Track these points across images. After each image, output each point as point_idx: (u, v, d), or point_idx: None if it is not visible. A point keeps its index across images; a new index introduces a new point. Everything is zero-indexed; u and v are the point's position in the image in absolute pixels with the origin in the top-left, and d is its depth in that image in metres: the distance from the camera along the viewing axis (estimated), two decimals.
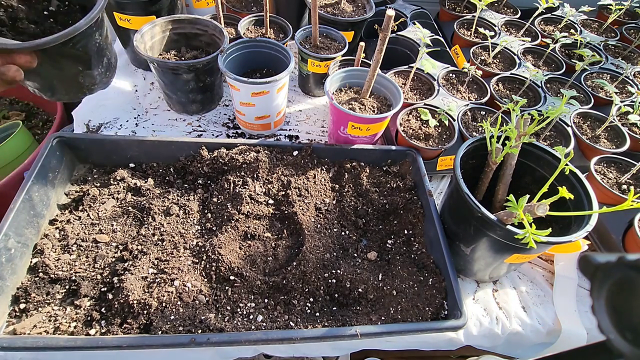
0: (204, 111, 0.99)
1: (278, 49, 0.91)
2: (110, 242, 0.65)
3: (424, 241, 0.74)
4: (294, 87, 1.12)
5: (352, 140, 0.84)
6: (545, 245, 0.57)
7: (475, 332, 0.70)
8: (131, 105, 0.99)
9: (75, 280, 0.59)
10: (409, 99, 0.95)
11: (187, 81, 0.87)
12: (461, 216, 0.66)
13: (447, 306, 0.64)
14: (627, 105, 0.94)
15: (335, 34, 1.02)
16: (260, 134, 0.96)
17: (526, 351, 0.76)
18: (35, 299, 0.57)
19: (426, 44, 0.90)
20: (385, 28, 0.68)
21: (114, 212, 0.69)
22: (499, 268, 0.70)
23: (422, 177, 0.78)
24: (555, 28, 1.38)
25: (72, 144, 0.73)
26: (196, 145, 0.77)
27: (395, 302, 0.64)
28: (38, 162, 0.66)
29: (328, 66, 0.97)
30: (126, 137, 0.76)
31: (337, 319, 0.61)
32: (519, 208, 0.53)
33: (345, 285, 0.65)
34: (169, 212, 0.69)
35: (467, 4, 1.41)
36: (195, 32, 0.95)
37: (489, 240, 0.62)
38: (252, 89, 0.81)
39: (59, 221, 0.67)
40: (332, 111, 0.84)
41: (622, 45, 1.33)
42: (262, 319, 0.59)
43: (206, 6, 1.16)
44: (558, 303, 0.74)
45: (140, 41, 0.85)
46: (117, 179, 0.73)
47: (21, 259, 0.60)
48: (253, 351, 0.67)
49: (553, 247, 0.53)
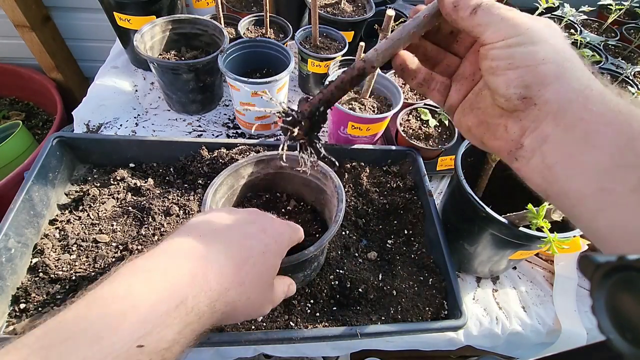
0: (204, 111, 0.99)
1: (278, 49, 0.91)
2: (111, 242, 0.65)
3: (424, 241, 0.74)
4: (294, 87, 1.12)
5: (352, 140, 0.84)
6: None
7: (475, 332, 0.70)
8: (131, 105, 0.98)
9: (75, 280, 0.59)
10: (409, 99, 0.95)
11: (187, 81, 0.87)
12: (464, 215, 0.66)
13: (447, 306, 0.64)
14: None
15: (335, 34, 1.02)
16: (260, 134, 0.96)
17: (526, 351, 0.76)
18: (35, 299, 0.57)
19: None
20: (385, 28, 0.68)
21: (114, 212, 0.69)
22: (500, 263, 0.71)
23: (422, 177, 0.78)
24: None
25: (72, 144, 0.73)
26: (196, 145, 0.77)
27: (395, 302, 0.64)
28: (38, 162, 0.66)
29: (328, 66, 0.97)
30: (126, 137, 0.76)
31: (337, 319, 0.61)
32: (539, 217, 0.54)
33: (345, 285, 0.65)
34: (169, 212, 0.69)
35: None
36: (195, 32, 0.95)
37: (495, 238, 0.63)
38: (252, 89, 0.81)
39: (59, 221, 0.67)
40: (332, 111, 0.84)
41: (622, 45, 1.33)
42: (262, 319, 0.59)
43: (206, 6, 1.16)
44: (558, 303, 0.74)
45: (140, 41, 0.85)
46: (117, 179, 0.73)
47: (21, 259, 0.60)
48: (253, 351, 0.67)
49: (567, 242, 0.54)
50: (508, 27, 0.31)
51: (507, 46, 0.31)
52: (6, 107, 1.66)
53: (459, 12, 0.33)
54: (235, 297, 0.35)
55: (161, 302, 0.29)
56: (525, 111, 0.32)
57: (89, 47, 1.58)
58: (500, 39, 0.31)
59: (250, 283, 0.37)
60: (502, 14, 0.31)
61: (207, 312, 0.32)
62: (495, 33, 0.31)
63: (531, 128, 0.32)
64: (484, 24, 0.32)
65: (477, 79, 0.38)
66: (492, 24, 0.31)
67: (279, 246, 0.42)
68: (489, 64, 0.32)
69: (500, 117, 0.34)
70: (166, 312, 0.29)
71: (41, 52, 1.47)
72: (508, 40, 0.30)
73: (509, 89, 0.31)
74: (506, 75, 0.31)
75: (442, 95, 0.41)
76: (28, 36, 1.40)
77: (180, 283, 0.31)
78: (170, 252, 0.35)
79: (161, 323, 0.28)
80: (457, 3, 0.33)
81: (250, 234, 0.40)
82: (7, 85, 1.64)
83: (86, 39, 1.55)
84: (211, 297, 0.33)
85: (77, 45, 1.59)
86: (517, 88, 0.31)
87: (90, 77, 1.51)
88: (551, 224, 0.54)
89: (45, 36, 1.44)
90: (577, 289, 0.76)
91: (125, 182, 0.73)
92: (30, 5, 1.34)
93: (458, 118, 0.40)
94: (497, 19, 0.31)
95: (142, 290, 0.30)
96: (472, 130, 0.38)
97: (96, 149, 0.75)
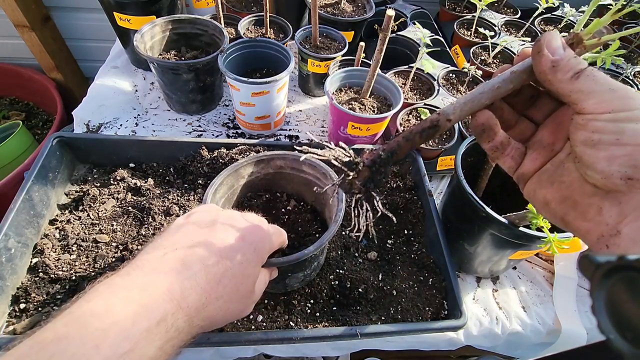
0: (204, 111, 0.99)
1: (278, 49, 0.91)
2: (111, 242, 0.65)
3: (424, 241, 0.74)
4: (294, 87, 1.12)
5: (352, 140, 0.84)
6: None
7: (475, 332, 0.70)
8: (131, 105, 0.98)
9: (75, 280, 0.59)
10: (409, 99, 0.95)
11: (187, 81, 0.87)
12: (464, 215, 0.66)
13: (447, 306, 0.64)
14: None
15: (335, 34, 1.02)
16: (260, 134, 0.96)
17: (526, 351, 0.76)
18: (35, 299, 0.57)
19: (426, 44, 0.90)
20: (385, 28, 0.68)
21: (114, 212, 0.69)
22: (500, 263, 0.71)
23: (422, 177, 0.78)
24: (555, 28, 1.38)
25: (72, 144, 0.73)
26: (196, 145, 0.77)
27: (395, 302, 0.64)
28: (38, 162, 0.66)
29: (328, 66, 0.97)
30: (126, 137, 0.76)
31: (337, 319, 0.61)
32: (539, 217, 0.54)
33: (345, 285, 0.65)
34: (169, 212, 0.69)
35: (467, 4, 1.41)
36: (195, 32, 0.95)
37: (495, 238, 0.63)
38: (252, 89, 0.81)
39: (59, 221, 0.67)
40: (332, 111, 0.84)
41: (622, 45, 1.33)
42: (262, 319, 0.59)
43: (206, 6, 1.16)
44: (558, 303, 0.74)
45: (140, 41, 0.85)
46: (117, 179, 0.73)
47: (21, 259, 0.60)
48: (253, 351, 0.67)
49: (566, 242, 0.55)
50: (617, 100, 0.28)
51: (615, 120, 0.28)
52: (6, 107, 1.66)
53: (557, 74, 0.30)
54: (213, 311, 0.35)
55: (142, 319, 0.29)
56: (628, 194, 0.28)
57: (89, 47, 1.58)
58: (607, 111, 0.28)
59: (229, 295, 0.37)
60: (610, 84, 0.29)
61: (185, 328, 0.33)
62: (600, 104, 0.28)
63: (634, 215, 0.27)
64: (587, 91, 0.29)
65: (557, 149, 0.35)
66: (596, 93, 0.29)
67: (258, 254, 0.42)
68: (589, 136, 0.29)
69: (593, 197, 0.30)
70: (147, 329, 0.29)
71: (41, 52, 1.47)
72: (618, 114, 0.28)
73: (611, 166, 0.28)
74: (610, 151, 0.28)
75: (515, 162, 0.37)
76: (28, 36, 1.40)
77: (159, 300, 0.31)
78: (147, 269, 0.34)
79: (143, 340, 0.28)
80: (557, 63, 0.30)
81: (228, 245, 0.39)
82: (7, 85, 1.64)
83: (86, 39, 1.55)
84: (189, 313, 0.33)
85: (77, 45, 1.59)
86: (623, 167, 0.27)
87: (90, 77, 1.51)
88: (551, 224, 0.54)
89: (45, 36, 1.44)
90: (577, 289, 0.76)
91: (125, 182, 0.73)
92: (30, 5, 1.35)
93: (533, 189, 0.36)
94: (604, 89, 0.29)
95: (121, 307, 0.29)
96: (552, 205, 0.34)
97: (96, 149, 0.75)
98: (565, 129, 0.34)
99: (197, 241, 0.38)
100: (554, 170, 0.34)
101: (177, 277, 0.34)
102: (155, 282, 0.33)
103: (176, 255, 0.36)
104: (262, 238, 0.43)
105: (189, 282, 0.34)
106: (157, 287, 0.32)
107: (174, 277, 0.33)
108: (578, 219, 0.32)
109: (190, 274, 0.34)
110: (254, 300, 0.43)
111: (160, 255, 0.36)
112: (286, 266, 0.51)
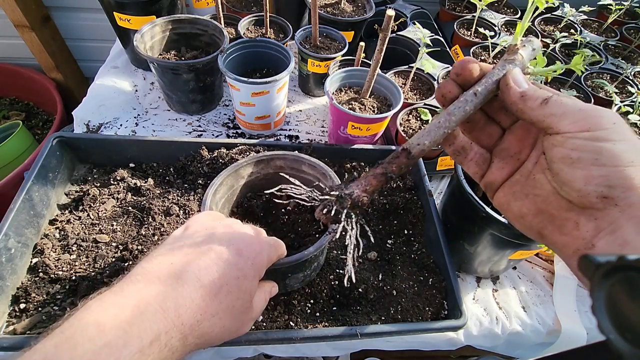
0: (204, 111, 0.99)
1: (278, 49, 0.91)
2: (111, 242, 0.65)
3: (424, 241, 0.74)
4: (294, 87, 1.12)
5: (352, 140, 0.84)
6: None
7: (475, 332, 0.70)
8: (131, 105, 0.99)
9: (75, 280, 0.59)
10: (409, 99, 0.95)
11: (187, 81, 0.87)
12: (464, 215, 0.66)
13: (447, 306, 0.64)
14: (627, 105, 0.94)
15: (335, 34, 1.02)
16: (260, 134, 0.96)
17: (526, 351, 0.76)
18: (35, 299, 0.57)
19: (426, 44, 0.90)
20: (385, 28, 0.68)
21: (114, 212, 0.69)
22: (500, 263, 0.71)
23: (422, 177, 0.78)
24: (555, 28, 1.38)
25: (72, 144, 0.73)
26: (196, 145, 0.77)
27: (395, 302, 0.64)
28: (38, 162, 0.66)
29: (328, 66, 0.97)
30: (126, 137, 0.76)
31: (337, 319, 0.61)
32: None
33: (345, 285, 0.65)
34: (169, 212, 0.69)
35: (467, 4, 1.41)
36: (195, 32, 0.95)
37: (494, 238, 0.63)
38: (252, 89, 0.81)
39: (59, 221, 0.67)
40: (332, 111, 0.84)
41: (622, 45, 1.33)
42: (262, 319, 0.59)
43: (206, 6, 1.16)
44: (558, 303, 0.74)
45: (140, 41, 0.85)
46: (117, 179, 0.73)
47: (21, 259, 0.60)
48: (253, 351, 0.67)
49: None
50: (590, 118, 0.29)
51: (593, 139, 0.28)
52: (6, 107, 1.67)
53: (527, 102, 0.32)
54: (208, 328, 0.35)
55: (134, 339, 0.28)
56: (603, 210, 0.28)
57: (89, 47, 1.58)
58: (584, 129, 0.29)
59: (225, 312, 0.36)
60: (578, 105, 0.30)
61: (180, 347, 0.32)
62: (575, 123, 0.29)
63: (608, 230, 0.28)
64: (559, 113, 0.30)
65: (523, 158, 0.35)
66: (569, 114, 0.30)
67: (256, 269, 0.41)
68: (567, 153, 0.30)
69: (569, 211, 0.31)
70: (140, 349, 0.28)
71: (41, 52, 1.47)
72: (595, 133, 0.28)
73: (588, 185, 0.28)
74: (588, 171, 0.28)
75: (479, 168, 0.38)
76: (28, 36, 1.41)
77: (152, 319, 0.30)
78: (140, 285, 0.33)
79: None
80: (525, 94, 0.32)
81: (224, 260, 0.38)
82: (7, 85, 1.65)
83: (86, 39, 1.55)
84: (183, 331, 0.32)
85: (77, 45, 1.59)
86: (599, 186, 0.28)
87: (90, 77, 1.51)
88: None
89: (45, 36, 1.44)
90: (577, 289, 0.76)
91: (125, 182, 0.73)
92: (30, 5, 1.35)
93: (507, 200, 0.36)
94: (575, 109, 0.30)
95: (113, 327, 0.29)
96: (528, 219, 0.34)
97: (96, 149, 0.75)
98: (531, 136, 0.35)
99: (193, 256, 0.37)
100: (525, 182, 0.35)
101: (171, 294, 0.33)
102: (148, 299, 0.32)
103: (171, 270, 0.35)
104: (259, 252, 0.42)
105: (184, 299, 0.33)
106: (150, 304, 0.31)
107: (169, 293, 0.33)
108: (555, 233, 0.32)
109: (185, 290, 0.34)
110: (252, 318, 0.42)
111: (155, 270, 0.35)
112: (286, 267, 0.51)
